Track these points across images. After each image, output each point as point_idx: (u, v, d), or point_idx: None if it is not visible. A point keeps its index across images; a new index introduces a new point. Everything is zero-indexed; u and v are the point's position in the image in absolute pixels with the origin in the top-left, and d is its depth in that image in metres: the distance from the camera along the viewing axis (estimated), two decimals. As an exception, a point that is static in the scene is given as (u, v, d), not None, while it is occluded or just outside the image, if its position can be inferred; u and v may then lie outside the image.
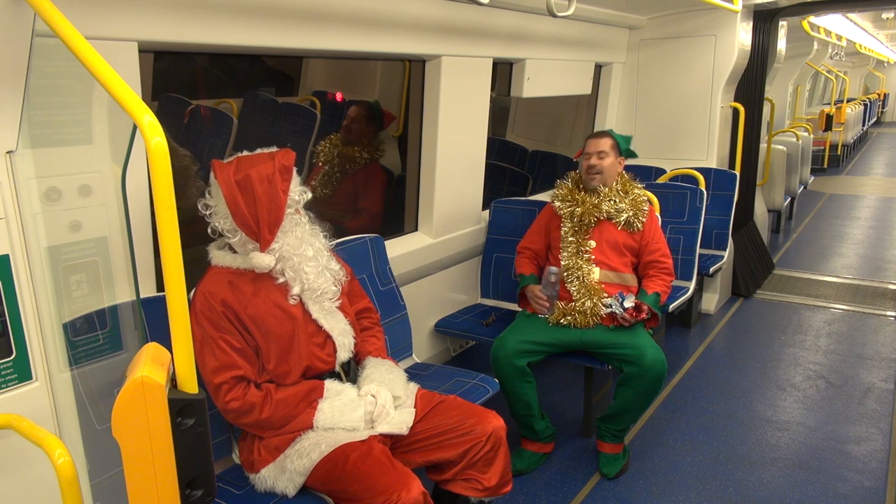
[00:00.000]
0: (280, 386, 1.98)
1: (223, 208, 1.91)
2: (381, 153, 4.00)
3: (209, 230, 2.00)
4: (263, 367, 1.98)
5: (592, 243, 2.97)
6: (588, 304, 2.86)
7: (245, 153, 1.98)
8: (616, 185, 3.02)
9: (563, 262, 2.97)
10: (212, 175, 1.93)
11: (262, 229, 1.88)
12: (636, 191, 3.05)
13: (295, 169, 1.99)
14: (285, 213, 1.93)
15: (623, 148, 3.05)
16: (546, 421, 2.97)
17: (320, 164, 3.94)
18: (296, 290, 1.99)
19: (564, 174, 3.20)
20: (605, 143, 3.00)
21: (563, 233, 3.01)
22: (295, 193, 1.98)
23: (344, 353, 2.11)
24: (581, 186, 3.08)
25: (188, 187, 3.12)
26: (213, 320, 1.90)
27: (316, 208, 2.15)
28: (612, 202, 2.98)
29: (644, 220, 3.00)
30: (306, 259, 2.00)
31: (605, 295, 2.87)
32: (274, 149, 2.01)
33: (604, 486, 2.83)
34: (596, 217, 2.98)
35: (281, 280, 1.98)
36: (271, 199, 1.88)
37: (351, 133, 3.89)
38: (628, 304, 2.80)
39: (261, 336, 1.96)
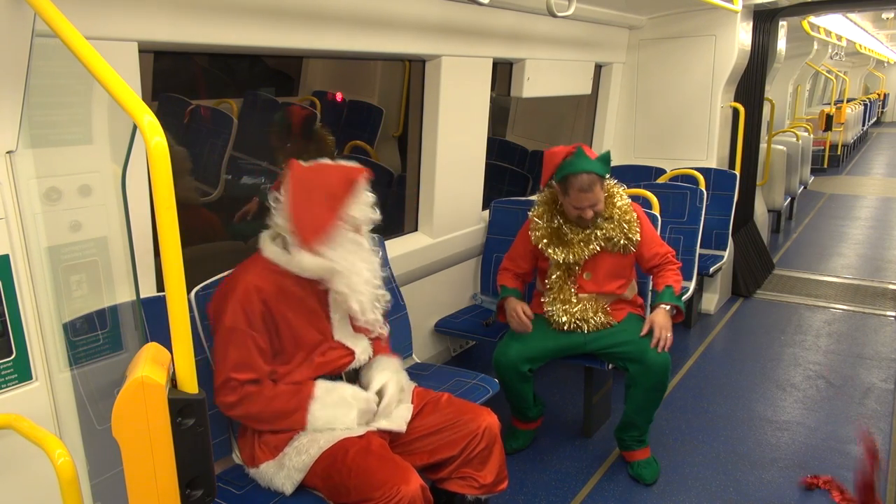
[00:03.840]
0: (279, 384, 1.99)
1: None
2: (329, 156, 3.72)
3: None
4: (277, 368, 1.99)
5: (583, 281, 2.81)
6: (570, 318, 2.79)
7: (325, 161, 1.99)
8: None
9: (546, 306, 2.84)
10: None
11: (305, 231, 1.88)
12: (619, 202, 2.80)
13: (369, 191, 2.00)
14: (335, 225, 1.92)
15: (607, 172, 2.73)
16: (538, 405, 3.02)
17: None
18: (354, 306, 1.97)
19: (533, 203, 2.94)
20: (597, 192, 2.66)
21: (550, 277, 2.82)
22: (356, 211, 1.97)
23: (356, 365, 2.14)
24: (561, 211, 2.81)
25: (180, 181, 3.09)
26: (249, 315, 1.90)
27: None
28: (602, 231, 2.76)
29: (637, 237, 2.80)
30: (361, 279, 1.98)
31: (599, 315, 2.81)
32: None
33: (604, 486, 2.83)
34: (589, 253, 2.77)
35: (333, 294, 1.99)
36: (322, 207, 1.89)
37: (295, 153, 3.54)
38: None
39: (289, 341, 1.98)
